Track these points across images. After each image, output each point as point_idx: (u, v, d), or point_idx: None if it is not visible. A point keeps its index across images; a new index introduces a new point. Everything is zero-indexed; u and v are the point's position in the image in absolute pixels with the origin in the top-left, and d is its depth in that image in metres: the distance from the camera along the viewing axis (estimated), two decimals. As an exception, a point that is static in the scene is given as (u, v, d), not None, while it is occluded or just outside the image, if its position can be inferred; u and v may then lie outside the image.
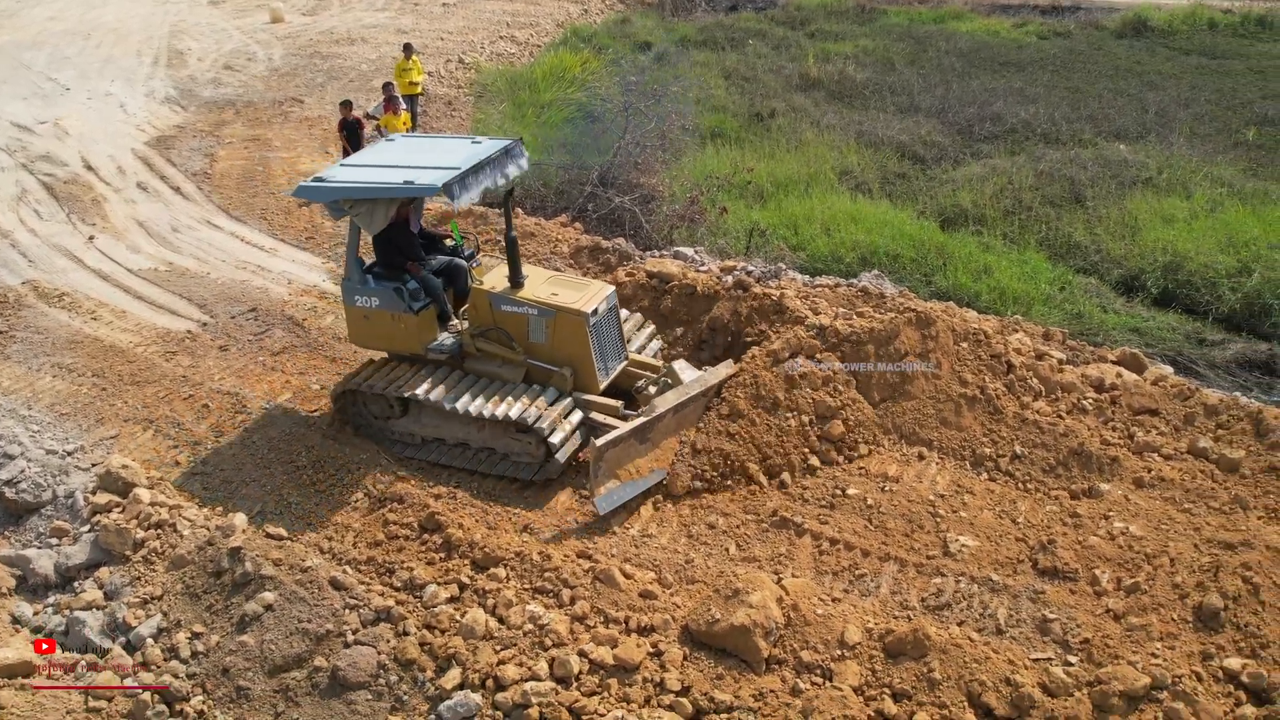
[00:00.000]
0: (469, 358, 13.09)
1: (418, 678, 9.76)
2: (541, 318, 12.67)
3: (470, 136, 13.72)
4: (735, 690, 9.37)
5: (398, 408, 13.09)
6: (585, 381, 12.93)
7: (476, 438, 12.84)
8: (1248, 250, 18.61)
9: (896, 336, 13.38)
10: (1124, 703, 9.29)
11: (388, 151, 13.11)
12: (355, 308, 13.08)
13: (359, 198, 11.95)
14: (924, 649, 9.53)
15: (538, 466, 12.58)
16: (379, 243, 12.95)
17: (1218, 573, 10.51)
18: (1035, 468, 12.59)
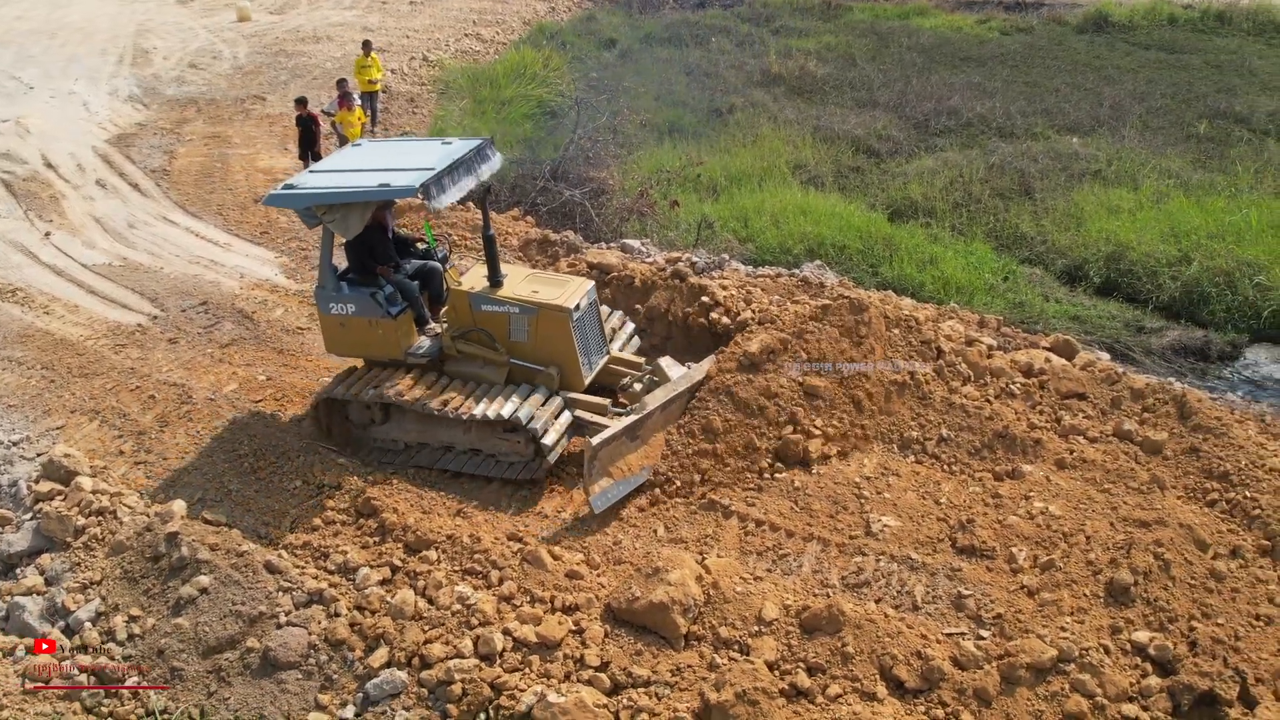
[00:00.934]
0: (449, 360, 12.99)
1: (347, 657, 9.98)
2: (523, 316, 12.63)
3: (440, 138, 13.80)
4: (653, 665, 9.62)
5: (378, 414, 13.01)
6: (570, 379, 12.92)
7: (463, 440, 12.76)
8: (1189, 240, 18.96)
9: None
10: (1031, 674, 9.58)
11: (357, 156, 13.07)
12: (330, 315, 12.86)
13: (333, 203, 11.88)
14: (839, 624, 9.78)
15: (525, 466, 12.61)
16: (353, 248, 12.81)
17: (1130, 550, 10.80)
18: (961, 450, 12.86)
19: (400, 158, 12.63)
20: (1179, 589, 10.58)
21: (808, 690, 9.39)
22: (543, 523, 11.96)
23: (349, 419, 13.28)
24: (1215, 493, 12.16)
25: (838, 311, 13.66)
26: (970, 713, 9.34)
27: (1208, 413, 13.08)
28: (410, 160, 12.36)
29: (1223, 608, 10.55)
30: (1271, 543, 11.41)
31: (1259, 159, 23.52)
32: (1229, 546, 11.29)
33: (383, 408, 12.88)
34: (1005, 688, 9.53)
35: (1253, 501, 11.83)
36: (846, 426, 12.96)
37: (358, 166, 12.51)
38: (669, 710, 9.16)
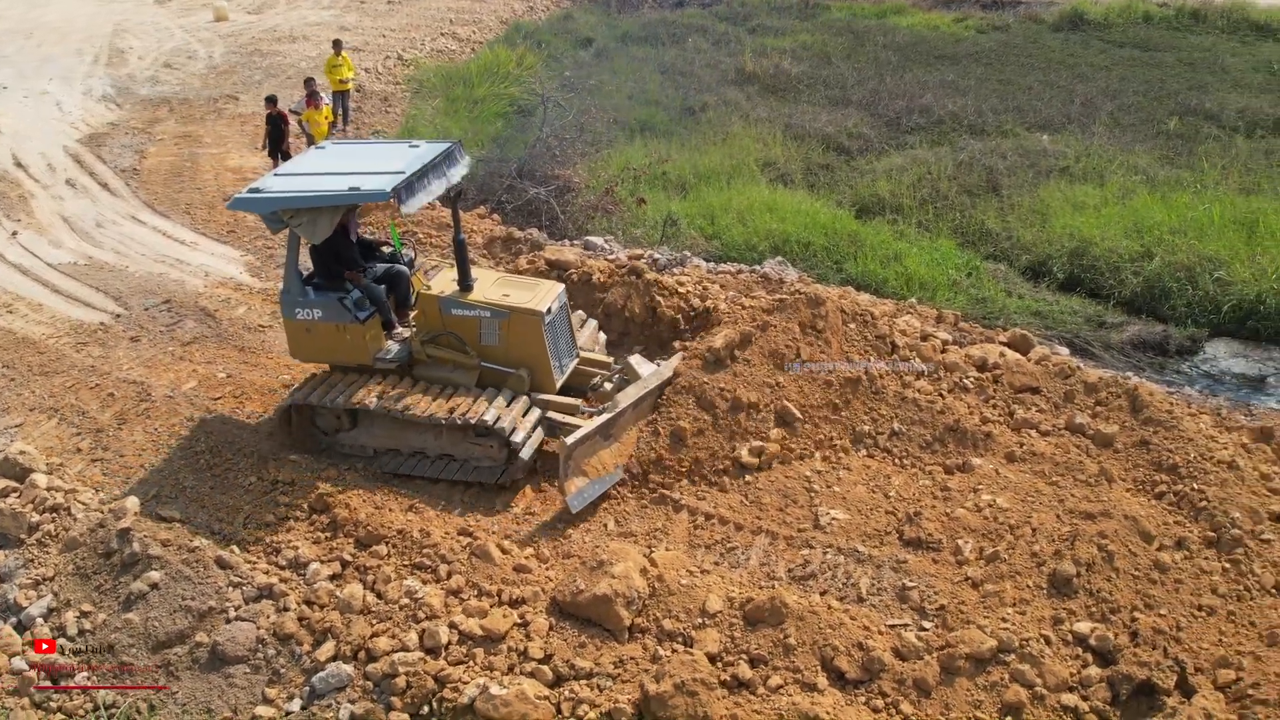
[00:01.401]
0: (419, 365, 12.88)
1: (295, 651, 10.04)
2: (495, 319, 12.55)
3: (407, 140, 13.70)
4: (596, 657, 9.69)
5: (346, 420, 12.87)
6: (541, 381, 12.85)
7: (434, 445, 12.64)
8: (1151, 235, 19.07)
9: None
10: (971, 665, 9.68)
11: (322, 159, 12.89)
12: (296, 321, 12.68)
13: (302, 207, 11.73)
14: (781, 616, 9.87)
15: (499, 470, 12.55)
16: (319, 253, 12.64)
17: (1075, 541, 10.91)
18: (912, 444, 12.95)
19: (367, 161, 12.51)
20: (1122, 580, 10.68)
21: (749, 681, 9.47)
22: (496, 518, 12.01)
23: (316, 425, 13.13)
24: (1164, 485, 12.27)
25: (795, 305, 13.75)
26: (910, 703, 9.44)
27: (1159, 406, 13.19)
28: (378, 163, 12.23)
29: (1165, 598, 10.66)
30: (1217, 534, 11.51)
31: (1226, 155, 23.63)
32: (1174, 538, 11.41)
33: (350, 414, 12.73)
34: (945, 678, 9.64)
35: (1200, 494, 11.93)
36: (811, 429, 13.05)
37: (323, 170, 12.36)
38: (610, 701, 9.24)
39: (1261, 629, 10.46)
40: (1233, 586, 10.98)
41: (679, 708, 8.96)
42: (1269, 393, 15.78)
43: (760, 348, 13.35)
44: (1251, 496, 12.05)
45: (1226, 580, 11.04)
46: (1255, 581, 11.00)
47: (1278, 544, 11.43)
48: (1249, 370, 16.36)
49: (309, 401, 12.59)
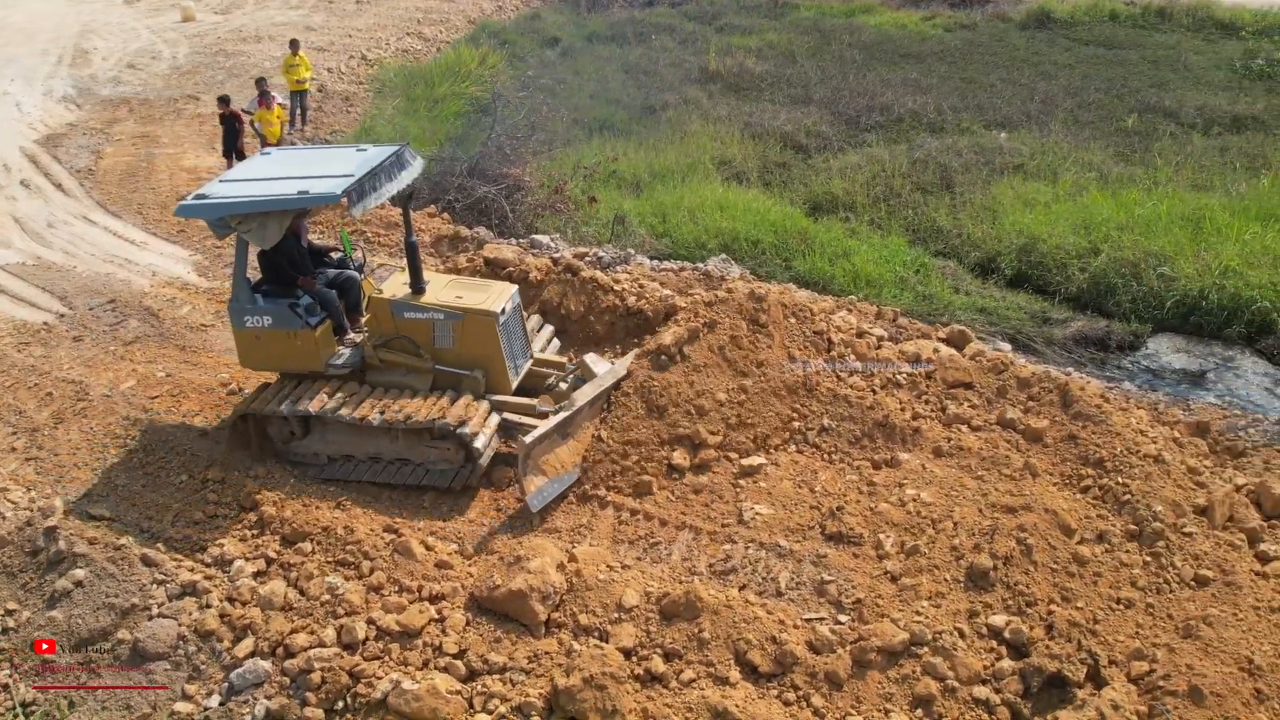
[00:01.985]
0: (371, 369, 12.77)
1: (215, 648, 10.08)
2: (449, 321, 12.51)
3: (354, 144, 13.68)
4: (511, 652, 9.74)
5: (298, 428, 12.75)
6: (497, 382, 12.82)
7: (389, 450, 12.58)
8: (1099, 232, 19.18)
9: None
10: (882, 658, 9.75)
11: (268, 164, 12.75)
12: (245, 329, 12.52)
13: (250, 212, 11.57)
14: (697, 611, 9.92)
15: (455, 473, 12.50)
16: (268, 259, 12.55)
17: (994, 535, 10.99)
18: (842, 440, 13.02)
19: (315, 165, 12.43)
20: (1040, 573, 10.77)
21: (662, 675, 9.53)
22: (423, 514, 12.06)
23: (267, 434, 12.96)
24: (1089, 479, 12.36)
25: (737, 300, 13.80)
26: (821, 695, 9.50)
27: (1088, 401, 13.28)
28: (326, 167, 12.17)
29: (1083, 591, 10.75)
30: (1139, 527, 11.61)
31: (1181, 152, 23.78)
32: (1096, 531, 11.50)
33: (302, 421, 12.64)
34: (856, 671, 9.71)
35: (1124, 487, 12.03)
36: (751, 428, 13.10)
37: (271, 175, 12.19)
38: (520, 695, 9.29)
39: (1178, 621, 10.56)
40: (1152, 579, 11.07)
41: (587, 701, 9.01)
42: (1208, 388, 15.87)
43: (708, 344, 13.39)
44: (1176, 490, 12.15)
45: (1146, 573, 11.13)
46: (1175, 574, 11.09)
47: (1200, 537, 11.53)
48: (1190, 365, 16.46)
49: (257, 411, 12.52)
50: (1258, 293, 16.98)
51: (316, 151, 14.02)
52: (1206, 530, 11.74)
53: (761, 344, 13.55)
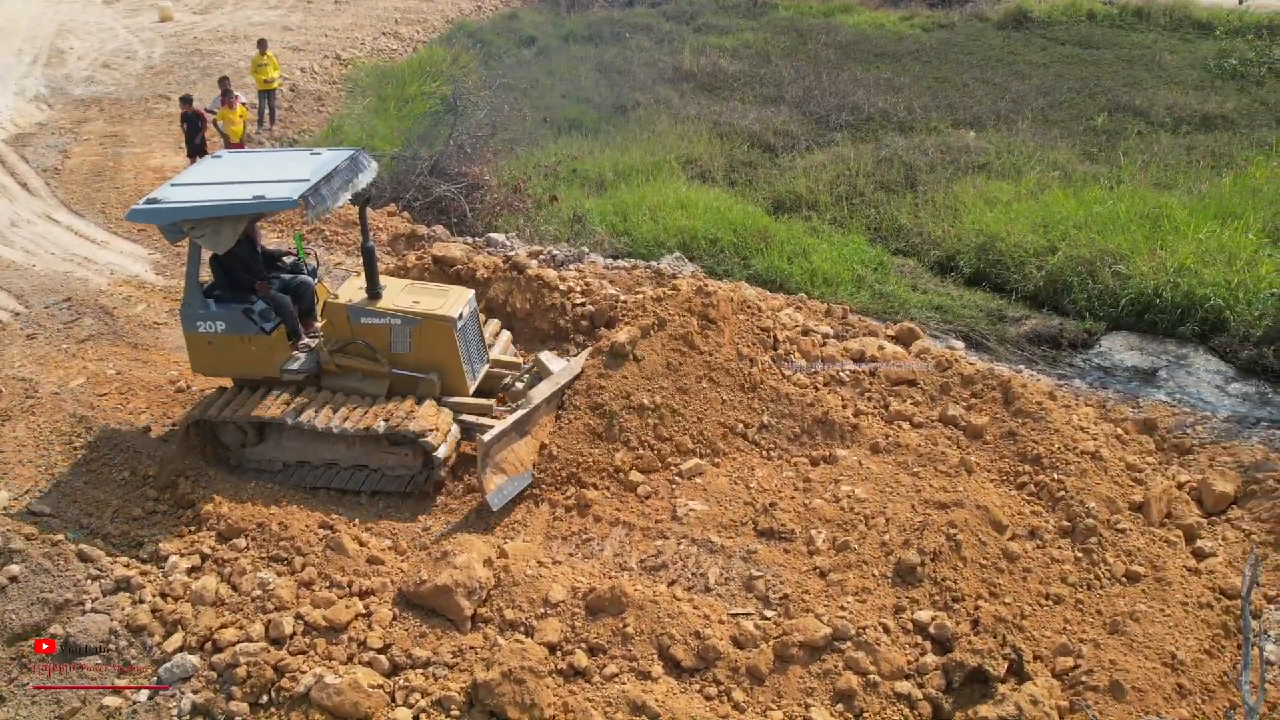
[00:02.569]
0: (328, 375, 12.74)
1: (146, 643, 10.16)
2: (405, 326, 12.47)
3: (309, 149, 13.68)
4: (435, 647, 9.82)
5: (252, 435, 12.69)
6: (454, 386, 12.80)
7: (346, 456, 12.53)
8: (1057, 230, 19.23)
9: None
10: (805, 653, 9.83)
11: (220, 168, 12.68)
12: (198, 334, 12.43)
13: (204, 217, 11.48)
14: (622, 606, 10.00)
15: (411, 478, 12.53)
16: (221, 264, 12.53)
17: (923, 531, 11.04)
18: (781, 436, 13.09)
19: (269, 169, 12.38)
20: (969, 569, 10.84)
21: (585, 670, 9.61)
22: (361, 510, 12.13)
23: (220, 441, 12.91)
24: (1026, 475, 12.45)
25: (684, 296, 13.86)
26: (742, 690, 9.58)
27: (1029, 398, 13.36)
28: (280, 172, 12.14)
29: (1011, 587, 10.83)
30: (1072, 524, 11.68)
31: (1148, 151, 23.84)
32: (1028, 528, 11.58)
33: (256, 427, 12.59)
34: (779, 666, 9.79)
35: (1059, 484, 12.12)
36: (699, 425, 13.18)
37: (224, 179, 12.12)
38: (442, 690, 9.36)
39: (1107, 617, 10.65)
40: (1083, 575, 11.16)
41: (506, 695, 9.08)
42: (1159, 385, 15.93)
43: (659, 342, 13.44)
44: (1113, 487, 12.24)
45: (1078, 569, 11.22)
46: (1106, 571, 11.18)
47: (1134, 534, 11.62)
48: (1142, 363, 16.52)
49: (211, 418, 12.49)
50: (1211, 290, 17.03)
51: (270, 155, 13.98)
52: (1142, 527, 11.84)
53: (712, 341, 13.60)
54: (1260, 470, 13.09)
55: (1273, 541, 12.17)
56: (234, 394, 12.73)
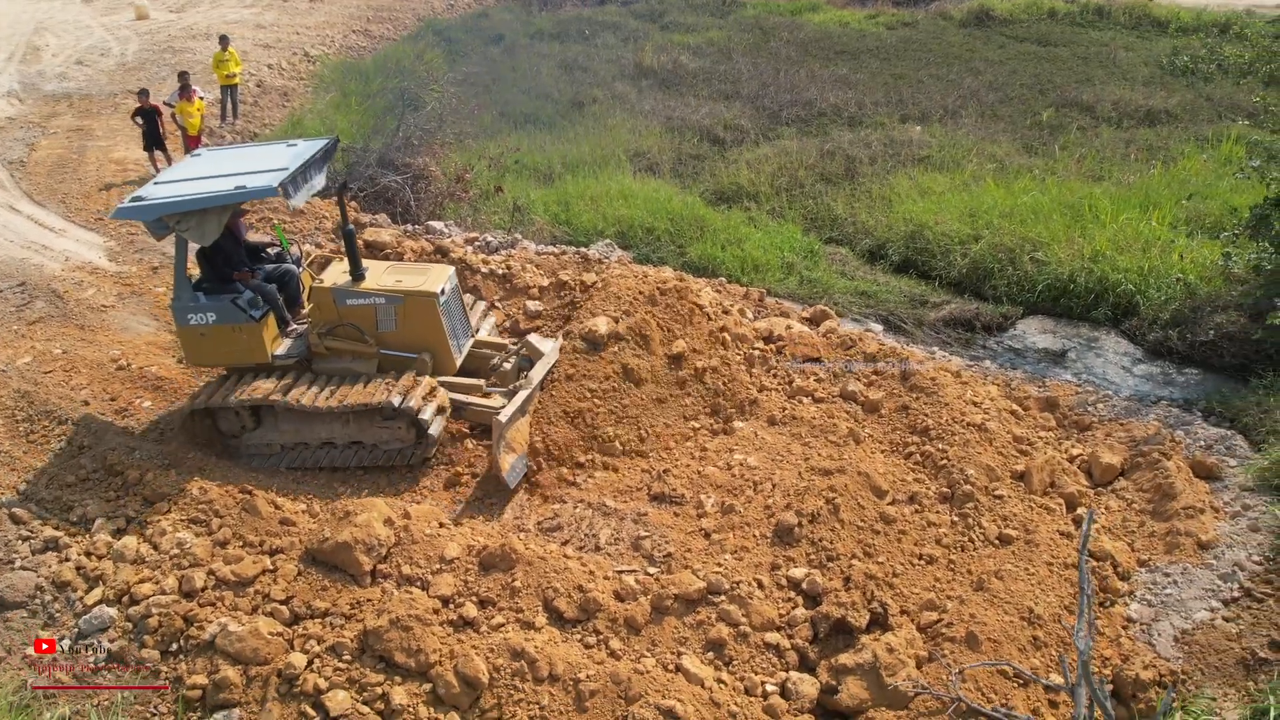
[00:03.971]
0: (318, 358, 13.12)
1: (70, 598, 10.81)
2: (390, 305, 12.85)
3: (284, 140, 14.15)
4: (334, 599, 10.47)
5: (249, 420, 13.07)
6: (442, 361, 13.23)
7: (342, 434, 12.96)
8: (983, 219, 19.90)
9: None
10: (680, 605, 10.52)
11: (201, 164, 13.07)
12: (189, 327, 12.77)
13: (189, 210, 11.82)
14: (511, 562, 10.66)
15: (408, 451, 13.00)
16: (207, 257, 12.85)
17: (804, 495, 11.73)
18: (688, 410, 13.76)
19: (247, 162, 12.83)
20: (846, 531, 11.53)
21: (474, 620, 10.26)
22: (274, 478, 12.78)
23: (218, 429, 13.28)
24: (914, 446, 13.12)
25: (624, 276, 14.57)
26: (620, 639, 10.25)
27: (924, 374, 14.04)
28: (258, 163, 12.61)
29: (886, 547, 11.51)
30: (951, 490, 12.35)
31: (1087, 144, 24.52)
32: (909, 493, 12.24)
33: (253, 413, 13.00)
34: (655, 617, 10.47)
35: (943, 453, 12.79)
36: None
37: (205, 174, 12.51)
38: (336, 637, 10.01)
39: (975, 576, 11.30)
40: (958, 538, 11.85)
41: (394, 641, 9.74)
42: (1067, 366, 16.61)
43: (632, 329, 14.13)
44: (996, 457, 12.92)
45: (953, 532, 11.91)
46: (980, 534, 11.87)
47: (1012, 500, 12.31)
48: (1053, 345, 17.20)
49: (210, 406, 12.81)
50: (1124, 276, 17.73)
51: (247, 149, 14.48)
52: (1022, 494, 12.52)
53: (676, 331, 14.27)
54: (1147, 444, 13.78)
55: (1151, 510, 12.86)
56: (229, 382, 13.11)
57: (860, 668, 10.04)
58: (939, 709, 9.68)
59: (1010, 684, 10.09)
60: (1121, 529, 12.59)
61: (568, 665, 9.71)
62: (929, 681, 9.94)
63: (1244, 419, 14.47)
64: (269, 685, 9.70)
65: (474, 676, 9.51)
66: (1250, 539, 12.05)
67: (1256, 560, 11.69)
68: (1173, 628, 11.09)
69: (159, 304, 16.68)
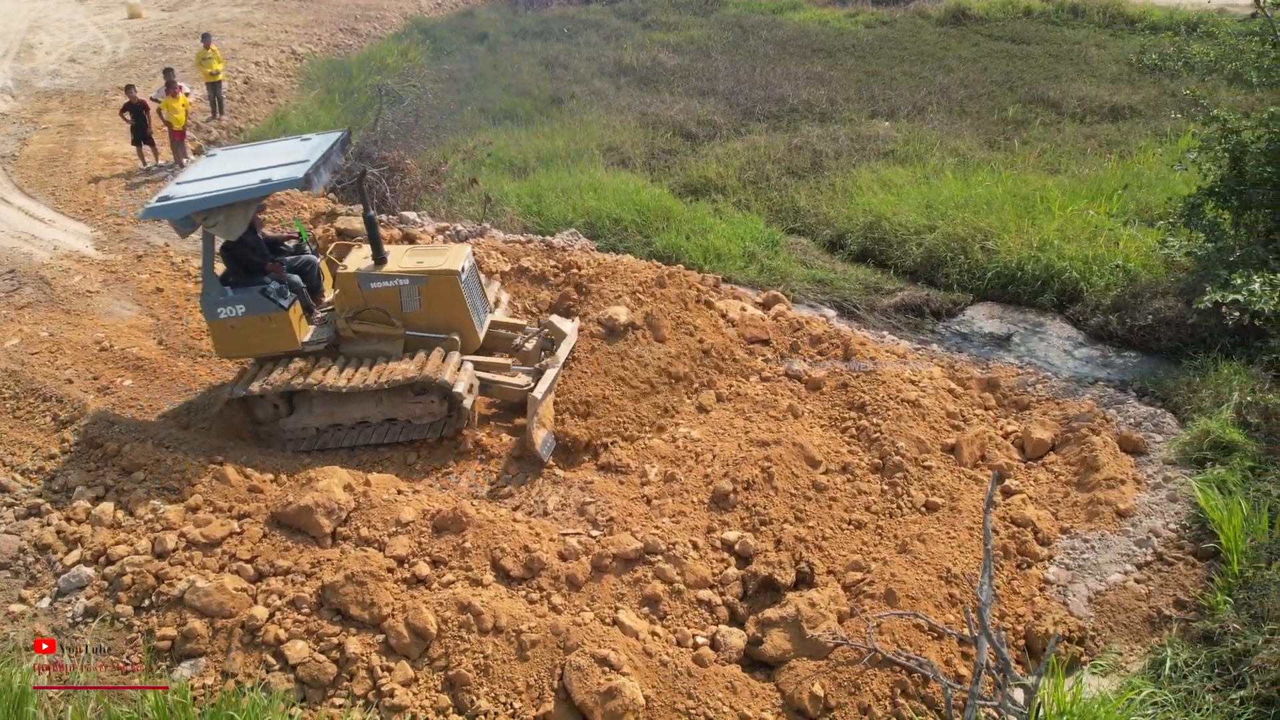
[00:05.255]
0: (345, 342, 13.60)
1: (50, 559, 11.58)
2: (414, 285, 13.32)
3: (297, 136, 14.80)
4: (296, 559, 11.23)
5: (283, 407, 13.51)
6: (467, 337, 13.73)
7: (375, 412, 13.41)
8: (939, 210, 20.64)
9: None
10: (618, 564, 11.31)
11: (218, 164, 13.55)
12: (220, 321, 13.17)
13: (217, 205, 12.34)
14: (463, 525, 11.43)
15: (440, 424, 13.48)
16: (234, 251, 13.25)
17: (740, 464, 12.50)
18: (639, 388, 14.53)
19: (265, 158, 13.25)
20: (780, 497, 12.30)
21: (426, 578, 11.02)
22: (244, 451, 13.51)
23: (254, 418, 13.71)
24: (850, 420, 13.88)
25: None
26: (561, 595, 11.02)
27: (865, 354, 14.81)
28: (277, 158, 13.07)
29: (817, 513, 12.28)
30: (883, 461, 13.11)
31: (1049, 139, 25.23)
32: (841, 464, 13.00)
33: (286, 399, 13.46)
34: (595, 575, 11.25)
35: (876, 427, 13.55)
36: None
37: (226, 171, 13.00)
38: (297, 591, 10.77)
39: (901, 539, 12.07)
40: (887, 505, 12.62)
41: (349, 595, 10.51)
42: (1010, 349, 17.35)
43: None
44: (929, 431, 13.70)
45: (883, 500, 12.69)
46: (908, 501, 12.65)
47: (940, 471, 13.08)
48: (999, 330, 17.94)
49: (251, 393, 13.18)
50: (1069, 263, 18.46)
51: (261, 146, 14.90)
52: (951, 466, 13.29)
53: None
54: (1077, 421, 14.52)
55: (1076, 482, 13.61)
56: (267, 369, 13.48)
57: (784, 621, 10.76)
58: (856, 658, 10.40)
59: (925, 636, 10.82)
60: (1048, 499, 13.30)
61: (511, 618, 10.45)
62: (848, 634, 10.65)
63: (1175, 398, 15.13)
64: (233, 636, 10.43)
65: (423, 628, 10.25)
66: (1169, 508, 12.74)
67: (1172, 528, 12.37)
68: (1087, 589, 11.79)
69: (141, 290, 17.44)
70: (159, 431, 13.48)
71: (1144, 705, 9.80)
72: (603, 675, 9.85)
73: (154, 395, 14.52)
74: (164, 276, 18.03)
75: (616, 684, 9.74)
